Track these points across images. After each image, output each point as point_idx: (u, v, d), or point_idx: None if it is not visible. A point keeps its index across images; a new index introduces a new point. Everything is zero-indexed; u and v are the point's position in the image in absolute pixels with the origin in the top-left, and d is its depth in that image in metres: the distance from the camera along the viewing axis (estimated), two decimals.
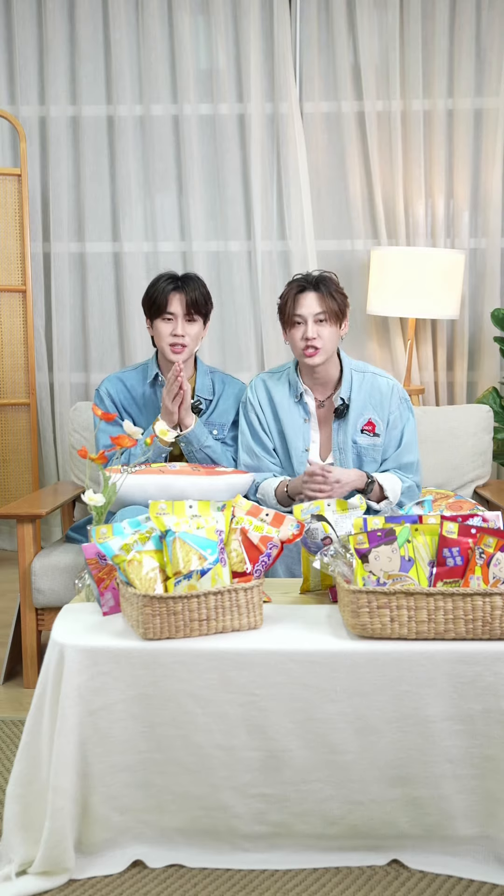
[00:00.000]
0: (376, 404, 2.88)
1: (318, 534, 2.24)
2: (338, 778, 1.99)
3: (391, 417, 2.88)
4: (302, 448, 2.90)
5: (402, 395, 2.92)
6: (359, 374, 2.91)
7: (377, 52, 4.31)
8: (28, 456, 4.34)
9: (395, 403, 2.89)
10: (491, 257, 4.36)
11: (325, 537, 2.23)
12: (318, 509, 2.36)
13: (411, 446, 2.91)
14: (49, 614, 3.05)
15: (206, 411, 3.03)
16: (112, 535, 2.18)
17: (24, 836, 2.02)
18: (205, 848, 2.05)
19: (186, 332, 2.91)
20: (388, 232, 4.38)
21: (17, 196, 4.22)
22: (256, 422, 2.94)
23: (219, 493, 2.67)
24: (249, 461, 2.94)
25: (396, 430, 2.90)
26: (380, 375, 2.93)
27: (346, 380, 2.89)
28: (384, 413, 2.88)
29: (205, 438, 2.92)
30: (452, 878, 2.01)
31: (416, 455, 2.93)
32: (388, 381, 2.92)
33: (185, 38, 4.28)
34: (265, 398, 2.94)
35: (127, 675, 1.97)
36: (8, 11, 4.35)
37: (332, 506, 2.41)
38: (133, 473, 2.67)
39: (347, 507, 2.41)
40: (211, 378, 3.09)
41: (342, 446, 2.88)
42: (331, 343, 2.81)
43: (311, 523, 2.26)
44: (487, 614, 1.94)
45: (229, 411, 3.05)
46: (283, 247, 4.41)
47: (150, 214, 4.43)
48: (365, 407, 2.88)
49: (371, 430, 2.86)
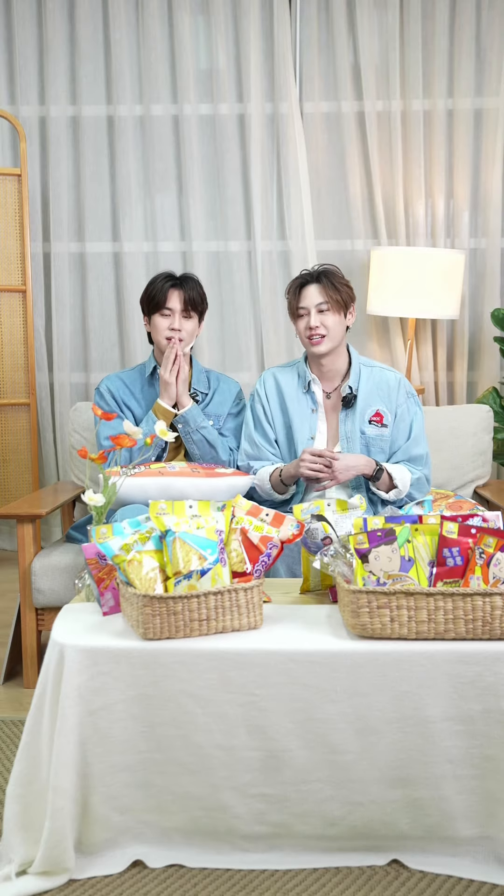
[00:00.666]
0: (384, 396, 2.95)
1: (318, 534, 2.24)
2: (338, 778, 1.99)
3: (399, 410, 2.95)
4: (308, 436, 2.95)
5: (409, 389, 2.99)
6: (367, 367, 2.99)
7: (377, 52, 4.31)
8: (28, 456, 4.34)
9: (403, 397, 2.96)
10: (491, 257, 4.36)
11: (325, 537, 2.23)
12: (318, 509, 2.37)
13: (420, 439, 2.97)
14: (49, 614, 3.05)
15: (202, 402, 3.13)
16: (112, 535, 2.18)
17: (24, 836, 2.02)
18: (205, 848, 2.05)
19: (183, 327, 3.04)
20: (388, 232, 4.38)
21: (17, 196, 4.22)
22: (261, 412, 3.01)
23: (219, 495, 2.69)
24: (250, 450, 3.01)
25: (405, 423, 2.95)
26: (387, 370, 3.01)
27: (354, 371, 2.96)
28: (392, 405, 2.95)
29: (201, 420, 3.03)
30: (452, 878, 2.01)
31: (426, 448, 2.99)
32: (395, 375, 2.99)
33: (185, 38, 4.28)
34: (273, 389, 3.01)
35: (127, 675, 1.97)
36: (8, 11, 4.35)
37: (332, 506, 2.42)
38: (132, 476, 2.67)
39: (348, 507, 2.42)
40: (206, 376, 3.21)
41: (350, 435, 2.93)
42: (336, 330, 2.88)
43: (310, 523, 2.26)
44: (487, 614, 1.94)
45: (224, 403, 3.16)
46: (283, 247, 4.41)
47: (150, 214, 4.43)
48: (373, 398, 2.94)
49: (379, 421, 2.92)
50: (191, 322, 3.06)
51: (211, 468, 2.83)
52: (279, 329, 4.42)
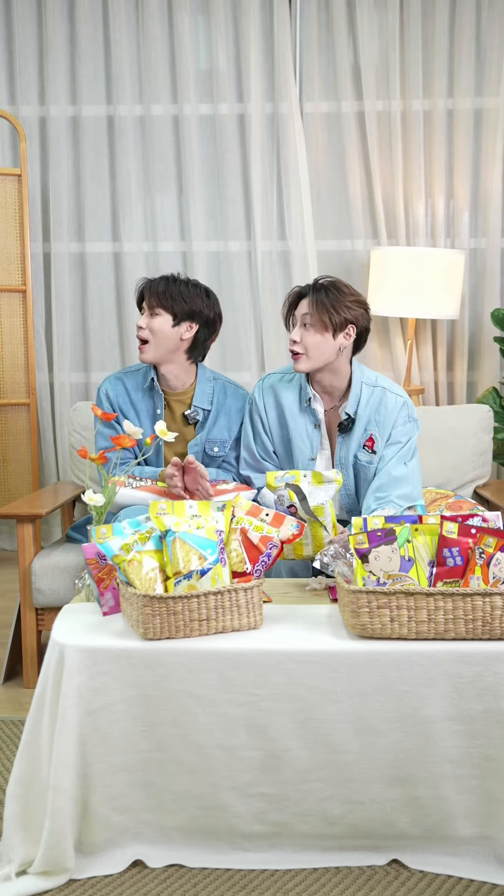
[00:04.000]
0: (380, 420, 2.75)
1: (285, 500, 2.35)
2: (338, 778, 1.99)
3: (393, 432, 2.75)
4: (308, 456, 2.80)
5: (410, 414, 2.79)
6: (369, 387, 2.77)
7: (377, 52, 4.31)
8: (28, 456, 4.34)
9: (401, 421, 2.76)
10: (491, 257, 4.36)
11: (291, 505, 2.30)
12: (293, 479, 2.39)
13: (406, 457, 2.76)
14: (49, 614, 3.05)
15: (204, 425, 2.93)
16: (112, 535, 2.18)
17: (24, 836, 2.02)
18: (205, 848, 2.05)
19: (148, 324, 2.81)
20: (388, 232, 4.38)
21: (17, 196, 4.22)
22: (259, 424, 2.86)
23: None
24: (249, 459, 2.90)
25: (395, 447, 2.75)
26: (390, 391, 2.78)
27: (353, 394, 2.76)
28: (386, 430, 2.75)
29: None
30: (452, 878, 2.01)
31: (415, 464, 2.78)
32: (397, 399, 2.77)
33: (185, 38, 4.28)
34: (272, 402, 2.84)
35: (127, 675, 1.97)
36: (8, 11, 4.35)
37: (307, 477, 2.41)
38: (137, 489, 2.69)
39: (323, 480, 2.41)
40: (212, 386, 2.96)
41: (344, 462, 2.79)
42: (316, 351, 2.68)
43: (282, 490, 2.33)
44: (487, 614, 1.94)
45: (231, 427, 2.93)
46: (283, 247, 4.41)
47: (150, 214, 4.43)
48: (369, 422, 2.76)
49: (370, 447, 2.76)
50: (157, 319, 2.79)
51: (213, 485, 2.81)
52: (279, 329, 4.42)
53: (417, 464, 2.79)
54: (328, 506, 2.39)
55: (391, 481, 2.71)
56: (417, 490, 2.76)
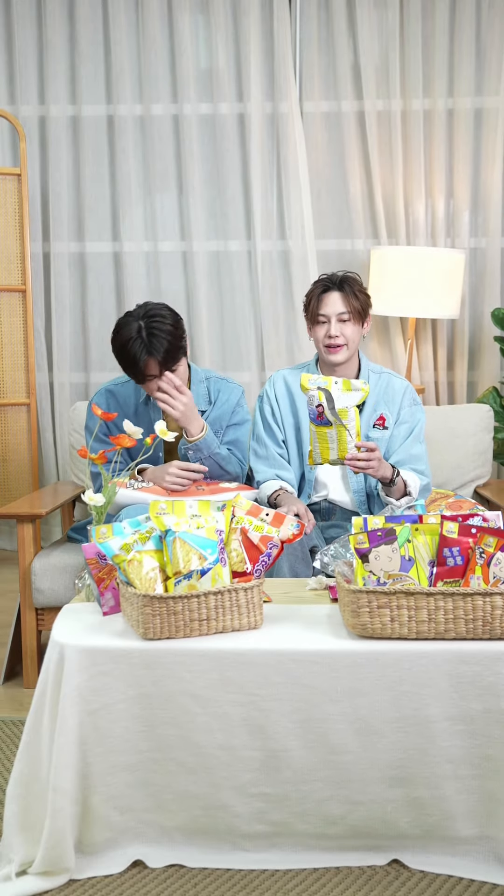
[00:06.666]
0: (389, 400, 2.95)
1: (314, 400, 2.54)
2: (338, 778, 1.99)
3: (402, 413, 2.94)
4: None
5: (415, 397, 2.98)
6: (375, 374, 2.98)
7: (377, 51, 4.31)
8: (28, 456, 4.34)
9: (407, 402, 2.95)
10: (491, 257, 4.36)
11: (319, 404, 2.53)
12: (325, 384, 2.55)
13: (420, 438, 2.94)
14: (49, 614, 3.05)
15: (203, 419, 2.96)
16: (112, 535, 2.17)
17: (24, 836, 2.02)
18: (205, 848, 2.05)
19: (172, 380, 2.79)
20: (388, 232, 4.38)
21: (17, 196, 4.22)
22: (270, 414, 2.97)
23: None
24: (259, 450, 2.97)
25: (405, 427, 2.94)
26: (394, 376, 3.01)
27: (363, 377, 2.94)
28: (395, 409, 2.94)
29: (215, 446, 2.88)
30: (452, 878, 2.01)
31: (425, 449, 2.96)
32: (401, 382, 2.99)
33: (185, 37, 4.28)
34: (283, 391, 2.98)
35: (127, 675, 1.97)
36: (8, 11, 4.35)
37: (338, 383, 2.56)
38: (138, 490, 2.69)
39: (351, 388, 2.56)
40: (206, 386, 3.04)
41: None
42: (354, 340, 2.88)
43: (313, 392, 2.54)
44: (487, 614, 1.94)
45: (224, 416, 3.02)
46: (283, 246, 4.41)
47: (150, 214, 4.43)
48: (378, 403, 2.94)
49: (381, 424, 2.92)
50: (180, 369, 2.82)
51: (214, 483, 2.83)
52: (279, 329, 4.42)
53: (426, 450, 2.97)
54: (352, 410, 2.56)
55: (409, 458, 2.89)
56: (430, 473, 2.95)
